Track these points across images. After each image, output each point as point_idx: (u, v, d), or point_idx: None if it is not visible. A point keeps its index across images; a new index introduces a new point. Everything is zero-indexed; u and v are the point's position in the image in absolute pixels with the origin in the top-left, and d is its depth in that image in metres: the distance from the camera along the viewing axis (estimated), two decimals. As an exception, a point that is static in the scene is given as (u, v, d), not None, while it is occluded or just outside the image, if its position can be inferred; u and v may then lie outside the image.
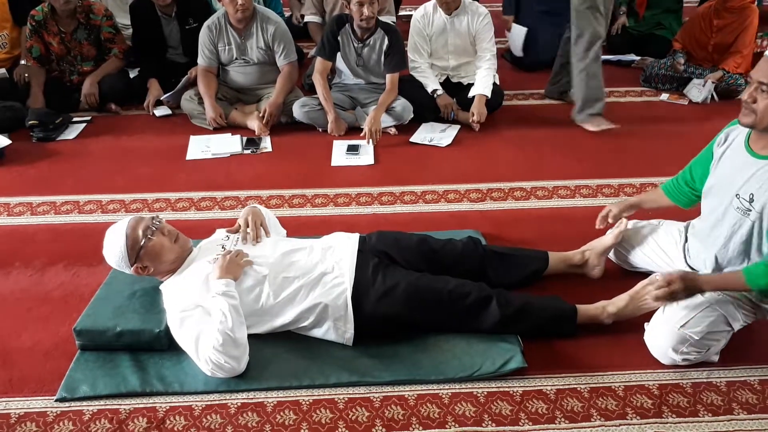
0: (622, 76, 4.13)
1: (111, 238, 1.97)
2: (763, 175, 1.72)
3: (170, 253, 1.99)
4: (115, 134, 3.49)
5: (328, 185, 2.97)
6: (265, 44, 3.51)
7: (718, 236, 1.89)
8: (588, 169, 3.05)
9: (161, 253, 1.96)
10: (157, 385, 1.85)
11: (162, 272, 2.00)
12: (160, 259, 1.97)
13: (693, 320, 1.84)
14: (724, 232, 1.86)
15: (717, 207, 1.88)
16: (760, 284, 1.75)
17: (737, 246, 1.85)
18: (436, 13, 3.55)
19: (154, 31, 3.73)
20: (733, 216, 1.82)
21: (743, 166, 1.78)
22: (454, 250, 2.18)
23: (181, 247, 2.03)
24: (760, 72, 1.67)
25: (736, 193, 1.79)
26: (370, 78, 3.55)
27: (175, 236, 2.02)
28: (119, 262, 1.96)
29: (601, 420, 1.75)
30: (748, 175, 1.76)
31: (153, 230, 1.95)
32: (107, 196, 2.90)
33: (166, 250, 1.97)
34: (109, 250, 1.97)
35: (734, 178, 1.81)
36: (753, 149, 1.78)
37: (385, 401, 1.82)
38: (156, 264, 1.97)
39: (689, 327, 1.84)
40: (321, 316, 1.94)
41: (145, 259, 1.95)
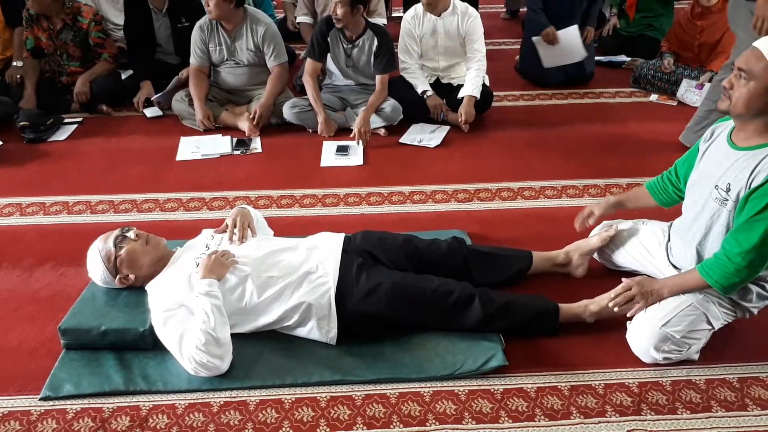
0: (613, 77, 4.15)
1: (91, 260, 2.05)
2: (741, 164, 1.74)
3: (145, 256, 2.03)
4: (106, 135, 3.51)
5: (316, 186, 2.99)
6: (255, 46, 3.53)
7: (698, 230, 1.90)
8: (575, 169, 3.07)
9: (136, 258, 2.01)
10: (140, 384, 1.86)
11: (146, 277, 2.03)
12: (137, 264, 2.01)
13: (674, 319, 1.85)
14: (704, 225, 1.88)
15: (697, 200, 1.90)
16: (716, 278, 1.78)
17: (716, 238, 1.85)
18: (426, 14, 3.56)
19: (143, 26, 3.74)
20: (712, 207, 1.83)
21: (724, 159, 1.80)
22: (439, 250, 2.20)
23: (154, 248, 2.06)
24: (742, 59, 1.68)
25: (715, 184, 1.80)
26: (359, 79, 3.57)
27: (145, 238, 2.06)
28: (105, 279, 2.05)
29: (581, 418, 1.77)
30: (727, 166, 1.78)
31: (121, 238, 2.02)
32: (96, 196, 2.91)
33: (139, 254, 2.02)
34: (93, 271, 2.06)
35: (715, 170, 1.82)
36: (734, 141, 1.80)
37: (367, 399, 1.83)
38: (135, 270, 2.02)
39: (671, 326, 1.85)
40: (305, 315, 1.96)
41: (123, 269, 2.01)
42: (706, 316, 1.88)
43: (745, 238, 1.71)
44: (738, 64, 1.69)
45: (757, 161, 1.69)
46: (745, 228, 1.71)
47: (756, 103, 1.67)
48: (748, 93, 1.67)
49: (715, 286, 1.80)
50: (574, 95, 3.95)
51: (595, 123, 3.58)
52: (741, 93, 1.68)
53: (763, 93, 1.65)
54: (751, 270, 1.76)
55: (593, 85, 4.06)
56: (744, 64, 1.67)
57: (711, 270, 1.79)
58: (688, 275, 1.88)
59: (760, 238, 1.69)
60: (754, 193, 1.69)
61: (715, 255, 1.80)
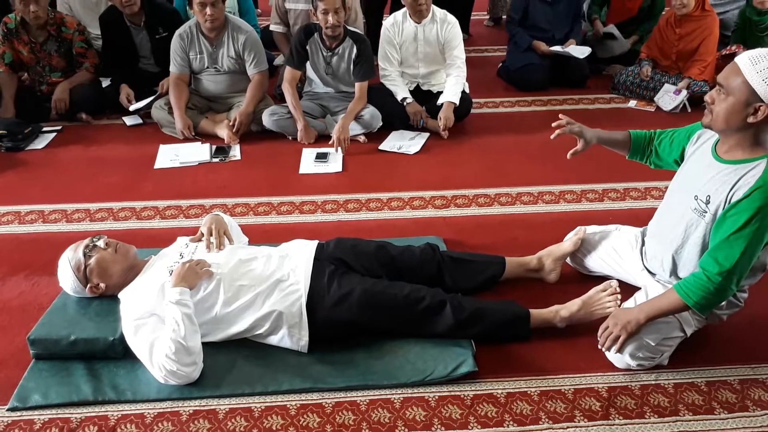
0: (592, 84, 4.18)
1: (61, 269, 2.05)
2: (722, 178, 1.73)
3: (115, 265, 2.02)
4: (85, 144, 3.49)
5: (294, 193, 2.99)
6: (236, 53, 3.53)
7: (676, 237, 1.89)
8: (552, 175, 3.08)
9: (106, 267, 2.01)
10: (109, 393, 1.86)
11: (117, 286, 2.03)
12: (107, 273, 2.01)
13: (650, 327, 1.86)
14: (681, 234, 1.87)
15: (676, 208, 1.89)
16: (696, 299, 1.74)
17: (692, 248, 1.85)
18: (406, 21, 3.59)
19: (124, 41, 3.74)
20: (690, 217, 1.83)
21: (706, 169, 1.79)
22: (412, 257, 2.21)
23: (123, 256, 2.06)
24: (722, 74, 1.68)
25: (695, 194, 1.80)
26: (339, 86, 3.58)
27: (114, 247, 2.06)
28: (76, 289, 2.05)
29: (549, 423, 1.78)
30: (708, 177, 1.77)
31: (91, 247, 2.02)
32: (73, 205, 2.90)
33: (109, 263, 2.01)
34: (64, 281, 2.06)
35: (696, 179, 1.82)
36: (717, 153, 1.78)
37: (337, 407, 1.83)
38: (105, 278, 2.01)
39: (645, 333, 1.86)
40: (276, 323, 1.96)
41: (94, 277, 2.00)
42: (680, 323, 1.89)
43: (725, 257, 1.69)
44: (718, 79, 1.68)
45: (739, 176, 1.69)
46: (725, 246, 1.69)
47: (735, 118, 1.65)
48: (726, 108, 1.65)
49: (694, 307, 1.76)
50: (554, 101, 3.97)
51: (573, 129, 3.59)
52: (721, 108, 1.67)
53: (742, 108, 1.63)
54: (732, 288, 1.74)
55: (574, 92, 4.09)
56: (723, 80, 1.66)
57: (690, 291, 1.75)
58: (664, 297, 1.83)
59: (740, 256, 1.67)
60: (733, 208, 1.68)
61: (694, 275, 1.77)
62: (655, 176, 2.95)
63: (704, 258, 1.76)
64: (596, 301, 2.04)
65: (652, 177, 2.97)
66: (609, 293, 2.04)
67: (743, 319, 2.04)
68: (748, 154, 1.70)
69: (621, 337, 1.84)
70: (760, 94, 1.58)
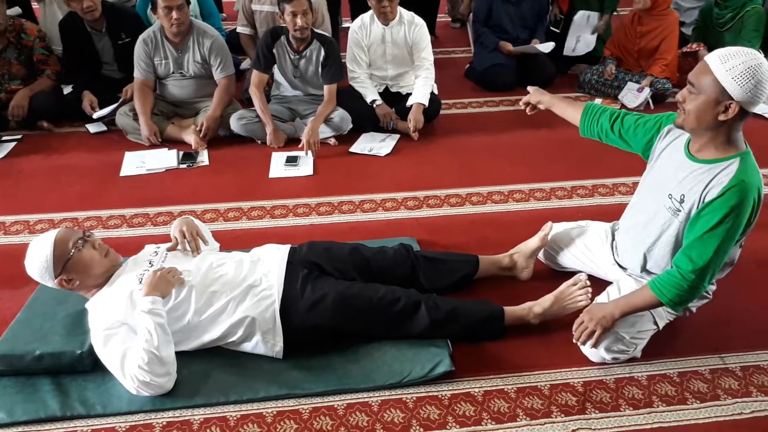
0: (558, 83, 4.23)
1: (36, 247, 1.90)
2: (696, 177, 1.73)
3: (99, 267, 1.94)
4: (47, 152, 3.40)
5: (265, 197, 2.95)
6: (202, 58, 3.48)
7: (648, 235, 1.91)
8: (522, 174, 3.11)
9: (89, 266, 1.91)
10: (78, 409, 1.80)
11: (87, 286, 1.95)
12: (87, 272, 1.92)
13: (624, 320, 1.87)
14: (654, 232, 1.89)
15: (650, 206, 1.90)
16: (670, 296, 1.76)
17: (664, 246, 1.87)
18: (374, 23, 3.58)
19: (85, 48, 3.65)
20: (664, 216, 1.84)
21: (679, 167, 1.79)
22: (386, 258, 2.20)
23: (111, 261, 1.98)
24: (693, 72, 1.67)
25: (669, 193, 1.81)
26: (308, 89, 3.56)
27: (105, 251, 1.98)
28: (42, 273, 1.88)
29: (527, 420, 1.78)
30: (682, 176, 1.78)
31: (84, 242, 1.91)
32: (35, 216, 2.82)
33: (95, 264, 1.92)
34: (33, 259, 1.88)
35: (669, 178, 1.82)
36: (690, 151, 1.78)
37: (314, 412, 1.81)
38: (82, 277, 1.92)
39: (620, 326, 1.88)
40: (249, 330, 1.92)
41: (71, 271, 1.89)
42: (653, 317, 1.92)
43: (699, 255, 1.70)
44: (689, 77, 1.68)
45: (712, 175, 1.69)
46: (698, 245, 1.70)
47: (707, 116, 1.65)
48: (698, 106, 1.65)
49: (668, 304, 1.77)
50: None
51: (541, 128, 3.63)
52: (692, 106, 1.66)
53: (713, 105, 1.62)
54: (704, 285, 1.75)
55: (541, 91, 4.13)
56: (694, 78, 1.65)
57: (665, 289, 1.76)
58: (638, 294, 1.85)
59: (713, 254, 1.69)
60: (707, 207, 1.69)
61: (668, 273, 1.78)
62: (623, 173, 3.01)
63: (678, 256, 1.77)
64: (568, 296, 2.06)
65: (619, 174, 3.02)
66: (579, 287, 2.07)
67: (712, 311, 2.08)
68: (720, 153, 1.71)
69: (596, 332, 1.86)
70: (730, 92, 1.59)
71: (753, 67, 1.56)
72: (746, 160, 1.69)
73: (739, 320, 2.12)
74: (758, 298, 2.21)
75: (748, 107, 1.61)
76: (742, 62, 1.57)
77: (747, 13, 3.78)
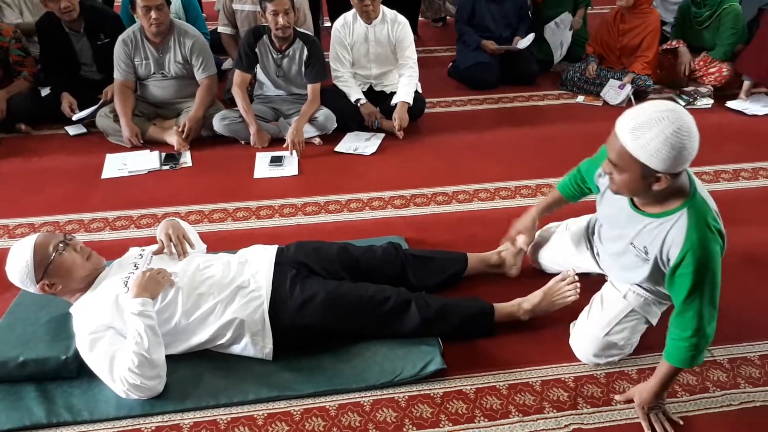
0: (541, 81, 4.26)
1: (17, 252, 1.85)
2: (651, 232, 1.64)
3: (81, 270, 1.90)
4: (26, 155, 3.33)
5: (250, 198, 2.92)
6: (183, 58, 3.44)
7: (624, 264, 1.81)
8: (507, 171, 3.12)
9: (71, 269, 1.87)
10: (64, 415, 1.77)
11: (70, 291, 1.91)
12: (69, 276, 1.88)
13: (617, 327, 1.88)
14: (629, 265, 1.78)
15: (618, 242, 1.80)
16: (686, 359, 1.64)
17: (642, 272, 1.75)
18: (356, 22, 3.57)
19: (63, 48, 3.58)
20: (633, 258, 1.75)
21: (630, 218, 1.70)
22: (375, 257, 2.19)
23: (93, 264, 1.95)
24: (610, 149, 1.53)
25: (631, 242, 1.72)
26: (291, 89, 3.53)
27: (87, 254, 1.94)
28: (23, 279, 1.84)
29: (519, 416, 1.78)
30: (637, 228, 1.68)
31: (65, 245, 1.87)
32: (15, 220, 2.77)
33: (77, 267, 1.88)
34: (14, 264, 1.84)
35: (624, 227, 1.73)
36: (635, 204, 1.69)
37: (306, 414, 1.79)
38: (65, 281, 1.87)
39: (614, 334, 1.88)
40: (238, 332, 1.90)
41: (53, 276, 1.85)
42: (646, 317, 1.91)
43: (691, 318, 1.60)
44: (609, 156, 1.54)
45: (665, 231, 1.59)
46: (686, 308, 1.60)
47: (638, 188, 1.55)
48: (626, 182, 1.54)
49: (691, 365, 1.67)
50: (505, 99, 4.02)
51: (524, 125, 3.66)
52: (621, 181, 1.55)
53: (640, 181, 1.51)
54: (710, 334, 1.63)
55: (524, 89, 4.15)
56: (614, 158, 1.52)
57: (677, 358, 1.65)
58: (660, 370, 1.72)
59: (699, 314, 1.59)
60: (676, 271, 1.59)
61: (673, 342, 1.66)
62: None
63: (673, 321, 1.66)
64: (557, 291, 2.07)
65: (603, 169, 3.03)
66: (568, 282, 2.07)
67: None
68: (666, 206, 1.60)
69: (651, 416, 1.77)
70: (653, 167, 1.45)
71: (669, 136, 1.40)
72: (693, 206, 1.57)
73: (725, 313, 2.11)
74: (744, 291, 2.23)
75: (679, 170, 1.48)
76: (656, 134, 1.40)
77: (724, 10, 3.83)
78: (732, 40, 3.83)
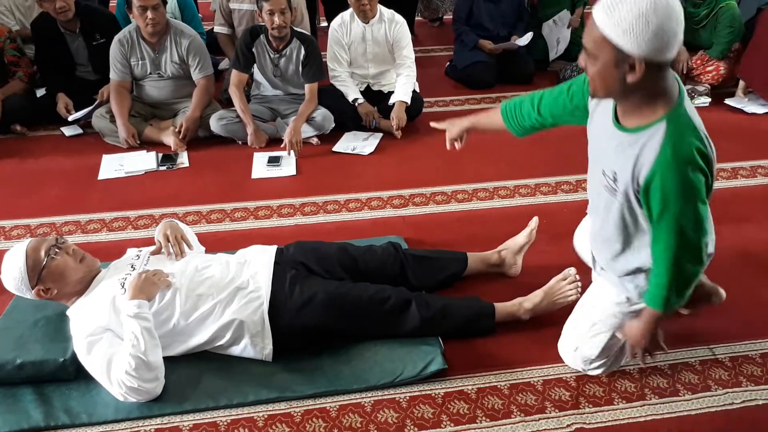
0: (538, 80, 4.25)
1: (10, 259, 1.85)
2: (625, 152, 1.46)
3: (75, 273, 1.88)
4: (21, 156, 3.31)
5: (248, 198, 2.91)
6: (180, 58, 3.42)
7: (597, 215, 1.69)
8: (505, 170, 3.11)
9: (65, 273, 1.86)
10: (62, 418, 1.75)
11: (66, 294, 1.90)
12: (64, 280, 1.86)
13: (583, 345, 1.82)
14: (601, 212, 1.65)
15: (593, 180, 1.66)
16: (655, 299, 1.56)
17: (612, 227, 1.61)
18: (354, 21, 3.55)
19: (59, 49, 3.56)
20: (604, 196, 1.59)
21: (609, 138, 1.52)
22: (374, 257, 2.17)
23: (87, 266, 1.93)
24: (585, 33, 1.38)
25: (602, 168, 1.56)
26: (288, 89, 3.51)
27: (80, 256, 1.92)
28: (18, 285, 1.84)
29: (521, 416, 1.77)
30: (612, 148, 1.50)
31: (57, 250, 1.85)
32: (11, 221, 2.74)
33: (70, 270, 1.87)
34: (8, 272, 1.84)
35: (602, 149, 1.56)
36: (617, 117, 1.50)
37: (306, 415, 1.78)
38: (60, 285, 1.86)
39: (583, 350, 1.83)
40: (237, 333, 1.89)
41: (47, 281, 1.84)
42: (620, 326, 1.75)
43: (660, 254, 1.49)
44: (583, 41, 1.38)
45: (638, 150, 1.42)
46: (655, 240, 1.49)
47: (613, 82, 1.37)
48: (599, 73, 1.37)
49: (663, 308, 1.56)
50: (503, 98, 4.00)
51: (523, 124, 3.64)
52: (594, 73, 1.38)
53: (612, 70, 1.34)
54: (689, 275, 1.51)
55: (521, 89, 4.14)
56: (586, 42, 1.36)
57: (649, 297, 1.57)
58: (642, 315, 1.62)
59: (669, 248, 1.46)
60: (644, 196, 1.45)
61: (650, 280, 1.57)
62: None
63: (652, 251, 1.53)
64: (558, 291, 2.06)
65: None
66: (569, 281, 2.06)
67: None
68: (645, 118, 1.42)
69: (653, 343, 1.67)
70: (627, 50, 1.29)
71: (644, 12, 1.26)
72: (674, 119, 1.39)
73: (726, 311, 2.13)
74: (743, 289, 2.23)
75: (657, 59, 1.31)
76: (630, 8, 1.26)
77: (721, 9, 3.83)
78: (729, 39, 3.83)
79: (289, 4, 3.22)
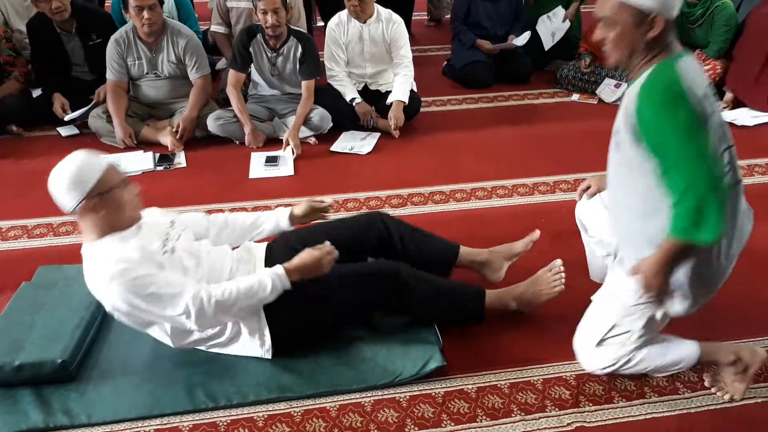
0: (535, 79, 4.26)
1: (88, 156, 1.73)
2: (625, 104, 1.56)
3: (125, 212, 1.78)
4: (17, 157, 3.30)
5: (246, 198, 2.91)
6: (177, 58, 3.42)
7: (614, 188, 1.74)
8: (504, 170, 3.12)
9: (122, 208, 1.75)
10: (61, 419, 1.74)
11: (98, 227, 1.75)
12: (116, 213, 1.75)
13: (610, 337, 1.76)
14: (616, 182, 1.71)
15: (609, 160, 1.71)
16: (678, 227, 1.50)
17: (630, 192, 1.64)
18: (351, 21, 3.55)
19: (55, 49, 3.55)
20: (614, 159, 1.66)
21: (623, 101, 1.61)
22: (357, 224, 2.17)
23: (136, 215, 1.85)
24: (597, 7, 1.53)
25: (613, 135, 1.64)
26: (285, 88, 3.51)
27: (137, 204, 1.85)
28: (76, 184, 1.67)
29: (521, 414, 1.78)
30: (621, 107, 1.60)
31: (127, 182, 1.80)
32: (7, 222, 2.73)
33: (126, 208, 1.77)
34: (77, 167, 1.69)
35: None
36: None
37: (307, 415, 1.78)
38: (108, 214, 1.73)
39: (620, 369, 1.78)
40: (235, 329, 1.88)
41: (105, 203, 1.71)
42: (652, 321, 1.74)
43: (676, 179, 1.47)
44: (596, 14, 1.53)
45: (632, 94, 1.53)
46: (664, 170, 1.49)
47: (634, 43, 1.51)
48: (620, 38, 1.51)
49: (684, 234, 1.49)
50: (500, 98, 4.02)
51: (521, 124, 3.66)
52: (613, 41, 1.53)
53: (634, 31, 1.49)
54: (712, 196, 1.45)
55: (518, 88, 4.16)
56: (601, 13, 1.52)
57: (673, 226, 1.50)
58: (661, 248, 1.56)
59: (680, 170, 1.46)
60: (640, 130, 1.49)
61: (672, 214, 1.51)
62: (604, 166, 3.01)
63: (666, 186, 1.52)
64: (544, 281, 2.05)
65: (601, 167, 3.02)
66: (554, 272, 2.05)
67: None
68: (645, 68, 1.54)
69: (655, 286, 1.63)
70: (645, 8, 1.45)
71: None
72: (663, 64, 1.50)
73: (722, 310, 2.13)
74: (743, 287, 2.23)
75: (670, 13, 1.48)
76: None
77: (717, 8, 3.84)
78: (725, 38, 3.84)
79: (284, 3, 3.21)
